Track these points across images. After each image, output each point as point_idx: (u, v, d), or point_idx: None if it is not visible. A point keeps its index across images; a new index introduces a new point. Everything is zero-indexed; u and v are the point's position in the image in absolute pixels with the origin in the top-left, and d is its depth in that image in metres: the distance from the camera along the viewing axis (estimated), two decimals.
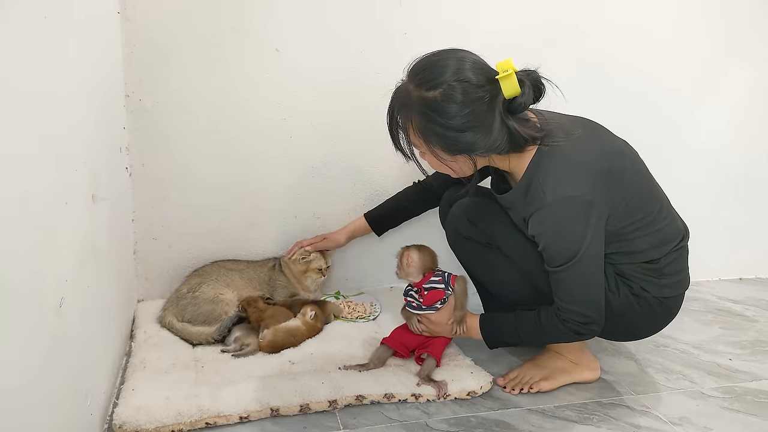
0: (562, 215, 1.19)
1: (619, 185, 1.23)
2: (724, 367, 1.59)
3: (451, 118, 1.14)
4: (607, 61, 1.94)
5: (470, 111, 1.14)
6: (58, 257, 0.91)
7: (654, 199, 1.30)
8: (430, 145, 1.20)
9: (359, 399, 1.32)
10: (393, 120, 1.25)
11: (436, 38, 1.72)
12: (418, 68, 1.19)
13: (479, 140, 1.16)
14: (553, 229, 1.20)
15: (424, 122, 1.17)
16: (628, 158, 1.27)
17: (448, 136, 1.16)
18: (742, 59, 2.08)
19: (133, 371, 1.35)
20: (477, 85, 1.14)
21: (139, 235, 1.68)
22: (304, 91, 1.71)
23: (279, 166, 1.75)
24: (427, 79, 1.16)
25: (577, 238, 1.19)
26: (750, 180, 2.21)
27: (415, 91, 1.17)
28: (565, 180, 1.19)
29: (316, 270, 1.71)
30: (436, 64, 1.17)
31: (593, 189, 1.19)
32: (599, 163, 1.21)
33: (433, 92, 1.15)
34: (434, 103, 1.15)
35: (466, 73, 1.14)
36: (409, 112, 1.19)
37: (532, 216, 1.21)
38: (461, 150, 1.18)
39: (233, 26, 1.61)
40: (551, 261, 1.23)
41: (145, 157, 1.63)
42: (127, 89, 1.56)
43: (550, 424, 1.29)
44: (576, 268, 1.21)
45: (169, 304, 1.61)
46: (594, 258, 1.22)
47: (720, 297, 2.08)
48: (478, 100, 1.13)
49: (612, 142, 1.29)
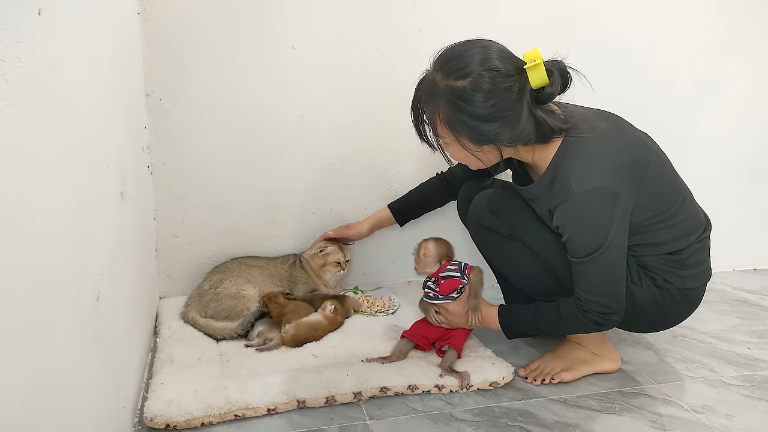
0: (589, 207, 1.19)
1: (644, 177, 1.23)
2: (743, 356, 1.59)
3: (479, 108, 1.15)
4: (614, 56, 1.94)
5: (498, 100, 1.14)
6: (96, 251, 0.93)
7: (677, 191, 1.31)
8: (457, 135, 1.20)
9: (383, 390, 1.33)
10: (418, 111, 1.25)
11: (450, 34, 1.73)
12: (445, 58, 1.20)
13: (507, 130, 1.17)
14: (578, 221, 1.21)
15: (452, 112, 1.17)
16: (652, 150, 1.28)
17: (476, 125, 1.17)
18: (748, 52, 2.08)
19: (161, 366, 1.37)
20: (506, 74, 1.14)
21: (160, 233, 1.70)
22: (320, 88, 1.72)
23: (296, 163, 1.77)
24: (456, 69, 1.16)
25: (603, 230, 1.20)
26: (761, 172, 2.21)
27: (442, 80, 1.18)
28: (591, 172, 1.19)
29: (335, 263, 1.73)
30: (464, 54, 1.17)
31: (619, 181, 1.20)
32: (624, 155, 1.22)
33: (462, 81, 1.15)
34: (463, 92, 1.15)
35: (494, 62, 1.15)
36: (436, 102, 1.20)
37: (558, 207, 1.22)
38: (488, 140, 1.19)
39: (250, 26, 1.63)
40: (575, 252, 1.24)
41: (166, 156, 1.65)
42: (148, 89, 1.58)
43: (574, 414, 1.31)
44: (600, 260, 1.22)
45: (191, 300, 1.64)
46: (618, 250, 1.23)
47: (735, 288, 2.08)
48: (506, 89, 1.14)
49: (635, 135, 1.30)
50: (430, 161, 1.73)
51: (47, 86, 0.72)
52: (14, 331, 0.61)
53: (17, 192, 0.62)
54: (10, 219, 0.60)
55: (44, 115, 0.71)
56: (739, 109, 2.13)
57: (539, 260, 1.37)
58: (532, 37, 1.79)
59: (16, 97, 0.60)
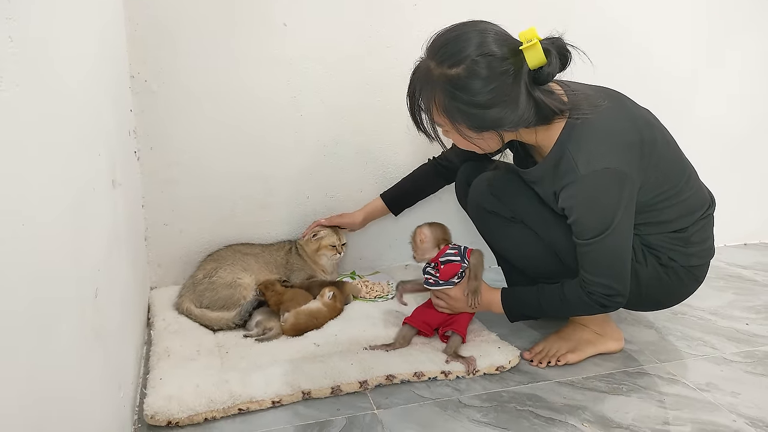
0: (596, 188, 1.17)
1: (650, 156, 1.21)
2: (742, 332, 1.60)
3: (476, 95, 1.11)
4: (609, 30, 1.91)
5: (496, 86, 1.10)
6: (93, 245, 0.87)
7: (682, 169, 1.29)
8: (456, 123, 1.16)
9: (389, 378, 1.30)
10: (414, 100, 1.21)
11: (446, 8, 1.70)
12: (438, 44, 1.15)
13: (506, 115, 1.13)
14: (586, 202, 1.18)
15: (449, 100, 1.13)
16: (656, 129, 1.26)
17: (474, 113, 1.13)
18: (740, 37, 2.07)
19: (158, 360, 1.32)
20: (501, 58, 1.10)
21: (149, 221, 1.64)
22: (313, 67, 1.66)
23: (290, 145, 1.71)
24: (449, 55, 1.12)
25: (610, 211, 1.18)
26: (749, 149, 2.22)
27: (437, 68, 1.13)
28: (598, 152, 1.17)
29: (329, 246, 1.69)
30: (458, 39, 1.12)
31: (627, 160, 1.17)
32: (630, 134, 1.20)
33: (457, 69, 1.11)
34: (458, 79, 1.11)
35: (489, 47, 1.10)
36: (432, 91, 1.15)
37: (564, 189, 1.20)
38: (488, 126, 1.15)
39: (238, 1, 1.55)
40: (581, 234, 1.22)
41: (153, 141, 1.58)
42: (132, 70, 1.51)
43: (581, 396, 1.30)
44: (606, 241, 1.20)
45: (185, 290, 1.58)
46: (624, 231, 1.21)
47: (729, 263, 2.10)
48: (503, 73, 1.10)
49: (640, 113, 1.27)
50: (426, 142, 1.69)
51: (41, 69, 0.65)
52: (15, 332, 0.56)
53: (16, 188, 0.56)
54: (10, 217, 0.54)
55: (39, 101, 0.64)
56: (733, 88, 2.12)
57: (542, 243, 1.35)
58: (528, 12, 1.77)
59: (9, 80, 0.54)
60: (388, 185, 1.82)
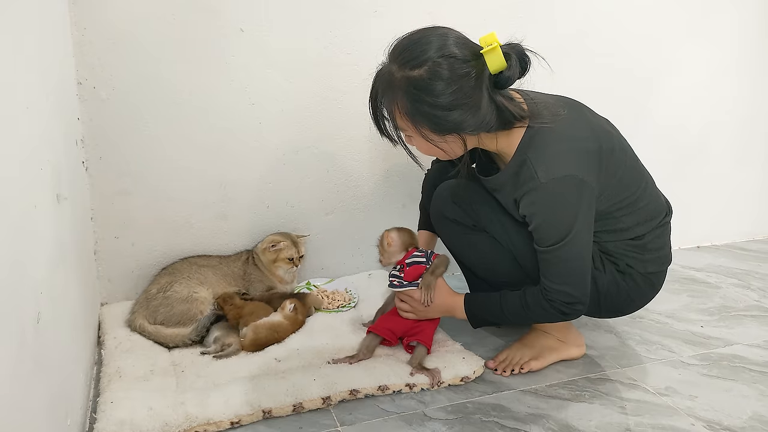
0: (556, 195, 1.17)
1: (608, 164, 1.23)
2: (697, 335, 1.64)
3: (438, 96, 1.10)
4: (569, 38, 1.94)
5: (458, 87, 1.10)
6: (33, 268, 0.81)
7: (639, 177, 1.31)
8: (418, 126, 1.16)
9: (353, 393, 1.28)
10: (377, 104, 1.20)
11: (407, 14, 1.69)
12: (399, 48, 1.15)
13: (468, 118, 1.13)
14: (546, 209, 1.19)
15: (411, 103, 1.13)
16: (614, 137, 1.28)
17: (437, 114, 1.12)
18: (699, 41, 2.13)
19: (109, 381, 1.25)
20: (463, 60, 1.10)
21: (99, 235, 1.56)
22: (271, 73, 1.62)
23: (248, 154, 1.66)
24: (411, 58, 1.11)
25: (570, 218, 1.18)
26: (701, 153, 2.29)
27: (398, 71, 1.13)
28: (557, 159, 1.17)
29: (286, 260, 1.64)
30: (419, 42, 1.12)
31: (586, 168, 1.18)
32: (590, 142, 1.21)
33: (419, 70, 1.10)
34: (420, 81, 1.10)
35: (450, 49, 1.11)
36: (394, 95, 1.15)
37: (525, 196, 1.20)
38: (450, 129, 1.15)
39: (194, 5, 1.50)
40: (542, 241, 1.22)
41: (102, 150, 1.51)
42: (79, 76, 1.43)
43: (545, 404, 1.30)
44: (566, 249, 1.20)
45: (138, 306, 1.51)
46: (584, 239, 1.22)
47: (683, 266, 2.15)
48: (464, 75, 1.10)
49: (598, 122, 1.28)
50: (388, 148, 1.67)
51: None
52: None
53: None
54: None
55: None
56: (688, 93, 2.18)
57: (504, 250, 1.35)
58: (488, 17, 1.77)
59: None
60: (350, 193, 1.80)
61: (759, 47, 2.24)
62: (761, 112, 2.33)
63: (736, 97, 2.27)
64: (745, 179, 2.40)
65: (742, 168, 2.38)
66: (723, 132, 2.29)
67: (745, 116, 2.31)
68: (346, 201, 1.81)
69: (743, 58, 2.23)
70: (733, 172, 2.37)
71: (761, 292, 1.95)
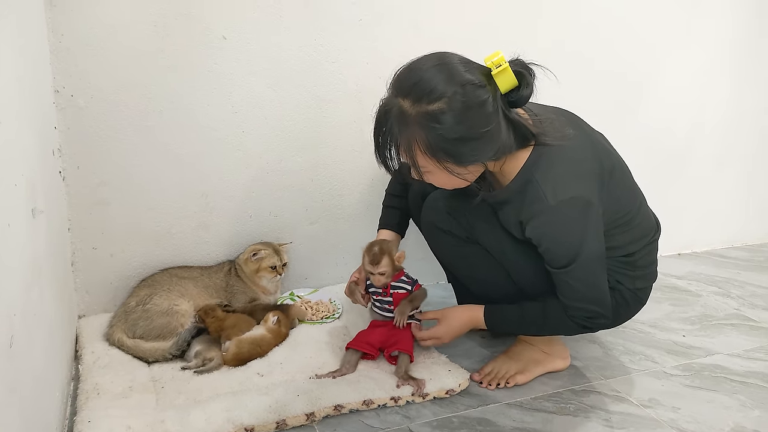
0: (565, 217, 1.17)
1: (609, 184, 1.23)
2: (679, 344, 1.65)
3: (458, 128, 1.06)
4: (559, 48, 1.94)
5: (478, 116, 1.06)
6: (6, 291, 0.78)
7: (634, 196, 1.32)
8: (441, 161, 1.10)
9: (337, 409, 1.26)
10: (388, 145, 1.13)
11: (390, 24, 1.68)
12: (408, 82, 1.08)
13: (492, 144, 1.10)
14: (556, 232, 1.18)
15: (432, 139, 1.07)
16: (613, 156, 1.28)
17: (459, 147, 1.08)
18: (683, 45, 2.16)
19: (86, 399, 1.22)
20: (479, 85, 1.06)
21: (77, 246, 1.52)
22: (255, 81, 1.59)
23: (231, 162, 1.63)
24: (425, 92, 1.05)
25: (578, 239, 1.18)
26: (683, 161, 2.32)
27: (413, 107, 1.07)
28: (564, 181, 1.17)
29: (269, 269, 1.61)
30: (427, 73, 1.07)
31: (590, 188, 1.18)
32: (593, 162, 1.21)
33: (437, 104, 1.05)
34: (440, 115, 1.05)
35: (463, 76, 1.06)
36: (411, 132, 1.08)
37: (533, 219, 1.18)
38: (475, 159, 1.11)
39: (175, 11, 1.47)
40: (553, 262, 1.21)
41: (80, 159, 1.47)
42: (57, 84, 1.39)
43: (531, 418, 1.29)
44: (578, 268, 1.20)
45: (116, 319, 1.47)
46: (596, 256, 1.22)
47: (664, 273, 2.17)
48: (483, 103, 1.06)
49: (597, 139, 1.29)
50: (372, 157, 1.65)
51: None
52: None
53: None
54: None
55: None
56: (672, 99, 2.20)
57: (496, 264, 1.34)
58: (475, 28, 1.77)
59: None
60: (334, 202, 1.78)
61: (743, 53, 2.27)
62: (740, 122, 2.37)
63: (716, 106, 2.30)
64: (725, 187, 2.44)
65: (721, 177, 2.41)
66: (703, 140, 2.32)
67: (725, 125, 2.35)
68: (331, 210, 1.79)
69: (726, 67, 2.26)
70: (713, 181, 2.40)
71: (740, 300, 1.98)
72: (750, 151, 2.44)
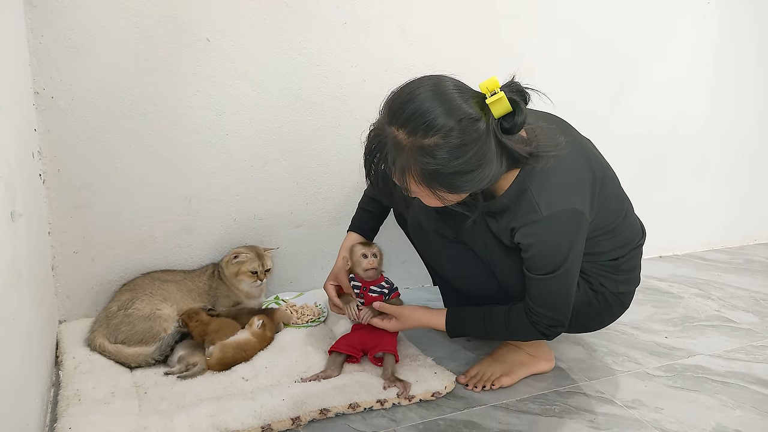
0: (557, 229, 1.18)
1: (600, 194, 1.24)
2: (662, 346, 1.67)
3: (453, 162, 1.05)
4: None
5: (473, 150, 1.05)
6: None
7: (622, 204, 1.34)
8: (435, 190, 1.10)
9: (323, 413, 1.25)
10: (378, 165, 1.12)
11: (376, 27, 1.68)
12: (403, 113, 1.06)
13: (485, 174, 1.09)
14: (546, 242, 1.19)
15: (426, 172, 1.07)
16: (603, 164, 1.30)
17: (453, 179, 1.08)
18: (664, 49, 2.19)
19: (67, 406, 1.19)
20: (475, 118, 1.05)
21: (57, 249, 1.50)
22: (239, 84, 1.58)
23: (215, 165, 1.62)
24: (420, 126, 1.04)
25: (566, 250, 1.19)
26: (664, 165, 2.35)
27: (407, 140, 1.06)
28: (558, 192, 1.17)
29: (249, 273, 1.58)
30: (423, 104, 1.05)
31: (582, 199, 1.19)
32: (584, 172, 1.22)
33: (432, 138, 1.04)
34: (435, 150, 1.04)
35: (459, 109, 1.04)
36: (406, 162, 1.07)
37: (525, 227, 1.19)
38: (469, 189, 1.12)
39: (158, 13, 1.45)
40: (535, 269, 1.22)
41: (61, 162, 1.45)
42: (36, 85, 1.37)
43: (516, 420, 1.30)
44: (558, 278, 1.21)
45: (97, 324, 1.45)
46: (575, 267, 1.24)
47: (647, 276, 2.18)
48: (479, 137, 1.05)
49: (587, 146, 1.30)
50: (357, 160, 1.65)
51: None
52: None
53: None
54: None
55: None
56: (652, 103, 2.23)
57: (482, 264, 1.35)
58: (460, 32, 1.78)
59: None
60: (319, 205, 1.78)
61: (723, 58, 2.31)
62: (720, 124, 2.41)
63: (698, 108, 2.34)
64: (705, 191, 2.47)
65: (701, 180, 2.45)
66: (683, 145, 2.36)
67: (705, 130, 2.38)
68: (315, 213, 1.79)
69: (706, 72, 2.30)
70: (694, 184, 2.44)
71: (721, 302, 2.01)
72: (730, 154, 2.48)
